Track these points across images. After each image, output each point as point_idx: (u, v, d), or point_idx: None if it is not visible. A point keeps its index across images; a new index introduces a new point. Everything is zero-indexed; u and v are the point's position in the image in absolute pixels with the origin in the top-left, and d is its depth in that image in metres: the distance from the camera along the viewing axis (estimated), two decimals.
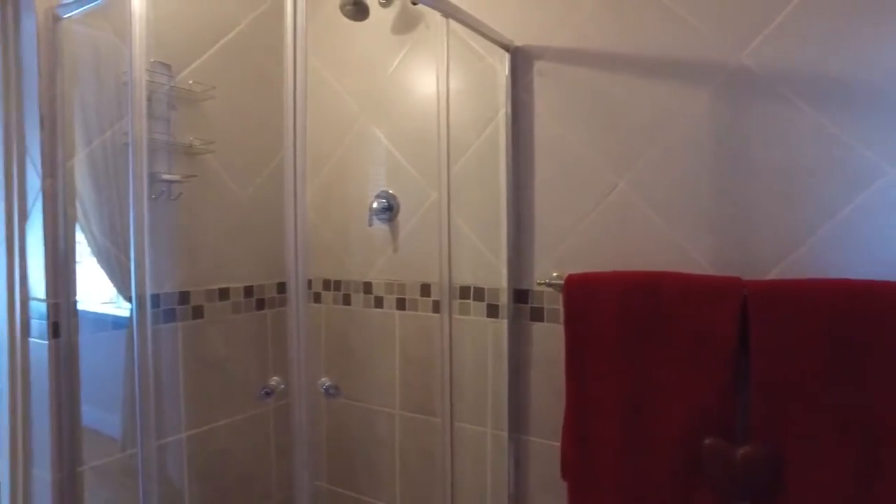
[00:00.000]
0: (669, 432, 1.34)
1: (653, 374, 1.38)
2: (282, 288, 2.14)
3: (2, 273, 1.62)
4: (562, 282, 1.56)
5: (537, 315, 1.71)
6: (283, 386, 1.51)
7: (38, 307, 1.57)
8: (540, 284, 1.64)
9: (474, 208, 1.80)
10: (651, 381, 1.38)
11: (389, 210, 1.95)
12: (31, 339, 1.60)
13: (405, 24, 1.96)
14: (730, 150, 1.41)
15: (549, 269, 1.67)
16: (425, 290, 1.92)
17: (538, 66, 1.70)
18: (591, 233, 1.61)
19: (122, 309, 1.71)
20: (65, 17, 1.61)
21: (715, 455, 1.27)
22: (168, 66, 1.80)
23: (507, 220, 1.74)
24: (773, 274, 1.35)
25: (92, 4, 1.57)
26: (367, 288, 2.06)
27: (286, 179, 1.20)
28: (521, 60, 1.72)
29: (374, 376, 2.04)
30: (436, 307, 1.89)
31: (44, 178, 1.54)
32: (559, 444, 1.57)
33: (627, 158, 1.55)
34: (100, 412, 1.69)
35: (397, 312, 1.98)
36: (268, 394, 1.55)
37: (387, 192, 1.97)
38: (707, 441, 1.28)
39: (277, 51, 2.11)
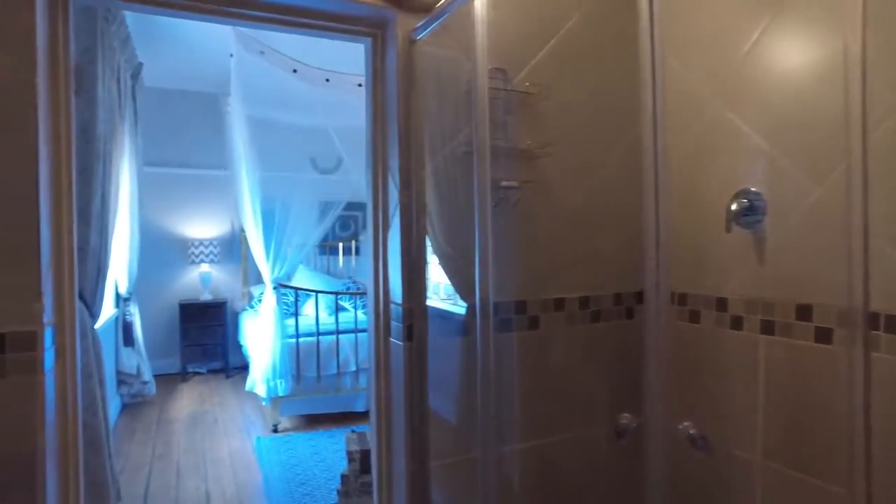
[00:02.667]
0: None
1: None
2: (618, 299, 1.96)
3: (371, 278, 1.82)
4: None
5: None
6: (634, 425, 1.31)
7: (396, 310, 1.71)
8: None
9: (881, 206, 1.31)
10: None
11: (754, 212, 1.58)
12: (391, 340, 1.75)
13: None
14: None
15: None
16: (803, 312, 1.50)
17: None
18: None
19: (458, 307, 1.75)
20: (417, 39, 1.72)
21: None
22: (503, 71, 1.78)
23: None
24: None
25: (437, 22, 1.64)
26: (721, 304, 1.72)
27: (645, 180, 0.99)
28: None
29: (725, 408, 1.69)
30: (822, 336, 1.45)
31: (401, 191, 1.67)
32: None
33: None
34: (441, 412, 1.77)
35: (762, 337, 1.60)
36: (619, 434, 1.36)
37: (750, 191, 1.60)
38: None
39: (614, 42, 1.93)
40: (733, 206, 1.59)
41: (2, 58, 1.30)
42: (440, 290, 1.95)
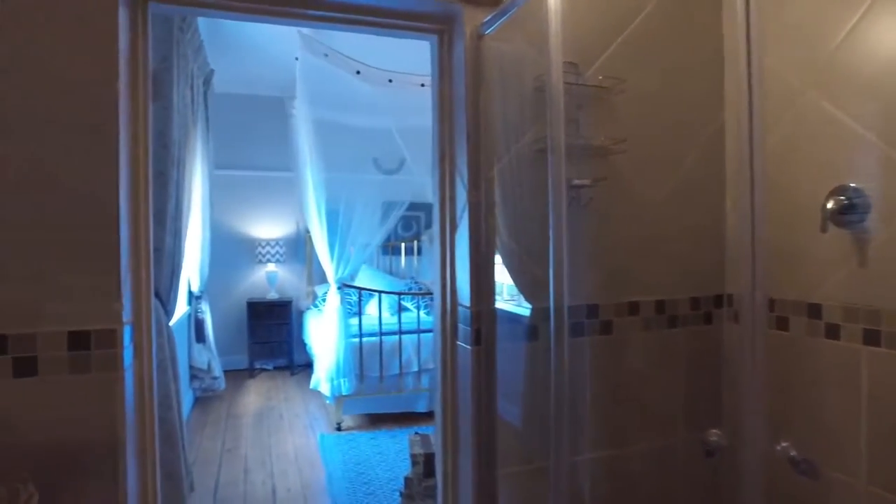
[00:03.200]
0: None
1: None
2: (696, 304, 1.85)
3: (437, 280, 1.78)
4: None
5: None
6: (724, 443, 1.21)
7: (464, 313, 1.67)
8: None
9: None
10: None
11: (854, 210, 1.44)
12: (459, 343, 1.71)
13: None
14: None
15: None
16: None
17: None
18: None
19: (522, 308, 1.70)
20: (485, 34, 1.67)
21: None
22: (575, 65, 1.71)
23: None
24: None
25: (506, 17, 1.58)
26: (813, 311, 1.58)
27: (731, 177, 0.91)
28: None
29: (821, 426, 1.55)
30: None
31: (469, 191, 1.63)
32: None
33: None
34: (507, 417, 1.72)
35: (864, 348, 1.45)
36: (709, 453, 1.25)
37: (850, 187, 1.46)
38: None
39: (693, 30, 1.82)
40: (830, 204, 1.46)
41: (87, 66, 1.35)
42: (503, 291, 1.90)
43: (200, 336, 4.55)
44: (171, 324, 2.34)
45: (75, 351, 1.34)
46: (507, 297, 1.85)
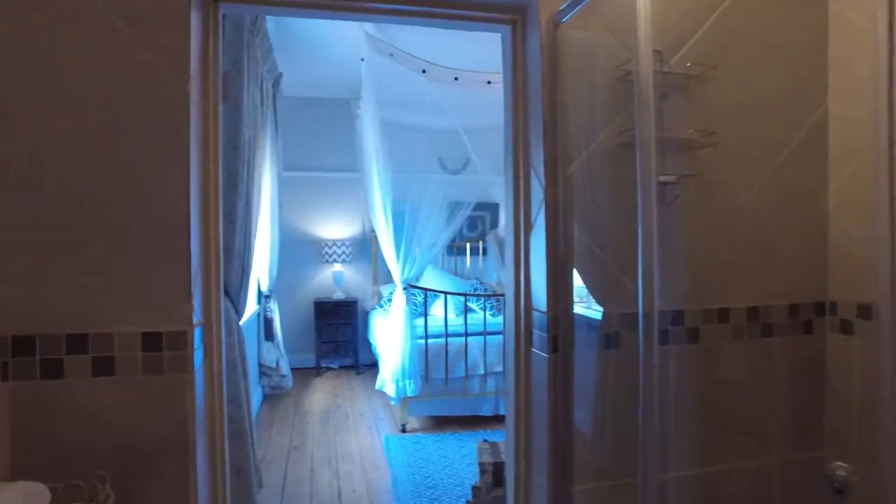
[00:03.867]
0: None
1: None
2: (794, 311, 1.67)
3: (511, 283, 1.70)
4: None
5: None
6: (855, 479, 1.05)
7: (539, 318, 1.58)
8: None
9: None
10: None
11: None
12: (533, 350, 1.62)
13: None
14: None
15: None
16: None
17: None
18: None
19: (593, 311, 1.59)
20: (562, 22, 1.57)
21: None
22: (659, 52, 1.58)
23: None
24: None
25: (584, 3, 1.48)
26: None
27: (878, 173, 0.77)
28: None
29: None
30: None
31: (546, 188, 1.53)
32: None
33: None
34: (583, 429, 1.61)
35: None
36: (839, 491, 1.08)
37: None
38: None
39: (794, 6, 1.64)
40: None
41: (160, 68, 1.35)
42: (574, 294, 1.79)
43: (269, 334, 4.64)
44: (241, 322, 2.36)
45: (149, 352, 1.34)
46: (576, 299, 1.74)
